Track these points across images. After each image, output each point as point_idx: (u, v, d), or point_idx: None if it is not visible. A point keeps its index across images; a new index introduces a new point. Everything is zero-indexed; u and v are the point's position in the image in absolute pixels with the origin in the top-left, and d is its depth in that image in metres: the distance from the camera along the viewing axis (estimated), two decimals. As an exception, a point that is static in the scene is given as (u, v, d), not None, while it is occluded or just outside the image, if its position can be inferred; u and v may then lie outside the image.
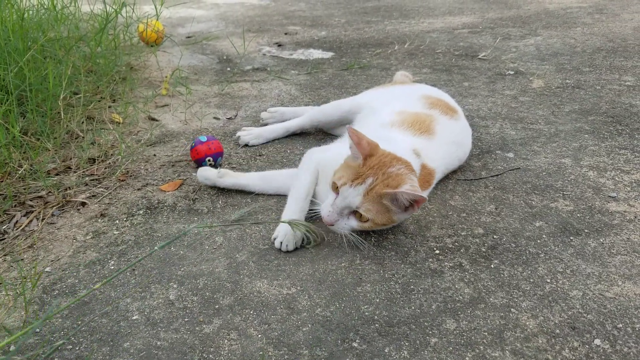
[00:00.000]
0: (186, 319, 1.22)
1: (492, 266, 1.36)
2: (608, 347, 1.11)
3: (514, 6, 4.46)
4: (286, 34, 3.79)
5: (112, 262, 1.41)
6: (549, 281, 1.30)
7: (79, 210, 1.65)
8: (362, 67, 2.96)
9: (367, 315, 1.21)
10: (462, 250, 1.42)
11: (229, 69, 3.01)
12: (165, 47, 3.29)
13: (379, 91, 2.05)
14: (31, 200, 1.67)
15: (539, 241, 1.45)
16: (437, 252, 1.42)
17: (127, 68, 2.77)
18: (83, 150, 1.93)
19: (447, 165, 1.73)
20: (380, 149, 1.42)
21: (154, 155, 1.98)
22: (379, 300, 1.26)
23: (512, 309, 1.22)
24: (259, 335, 1.16)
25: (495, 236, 1.48)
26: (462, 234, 1.49)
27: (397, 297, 1.26)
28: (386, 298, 1.26)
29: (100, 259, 1.42)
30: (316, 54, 3.30)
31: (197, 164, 1.86)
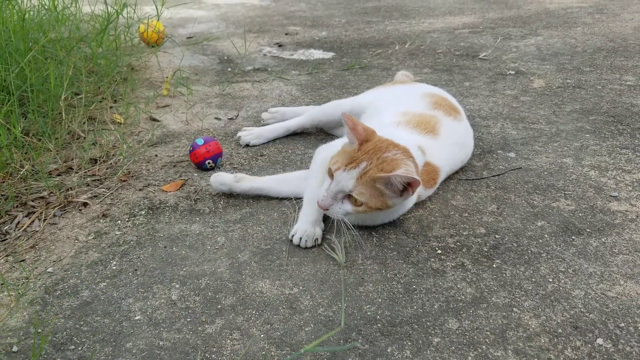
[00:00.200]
0: (188, 319, 1.22)
1: (494, 266, 1.36)
2: (610, 346, 1.11)
3: (514, 6, 4.46)
4: (287, 34, 3.79)
5: (114, 263, 1.41)
6: (551, 281, 1.30)
7: (80, 210, 1.65)
8: (362, 67, 2.96)
9: (369, 315, 1.21)
10: (464, 250, 1.42)
11: (229, 69, 3.01)
12: (166, 47, 3.29)
13: (381, 91, 2.04)
14: (33, 201, 1.67)
15: (540, 241, 1.45)
16: (439, 252, 1.42)
17: (128, 69, 2.78)
18: (84, 150, 1.93)
19: (451, 166, 1.73)
20: (377, 135, 1.43)
21: (156, 155, 1.98)
22: (381, 300, 1.26)
23: (514, 308, 1.22)
24: (262, 335, 1.16)
25: (497, 236, 1.48)
26: (464, 233, 1.49)
27: (399, 297, 1.26)
28: (388, 298, 1.26)
29: (102, 260, 1.43)
30: (317, 54, 3.30)
31: (198, 167, 1.86)
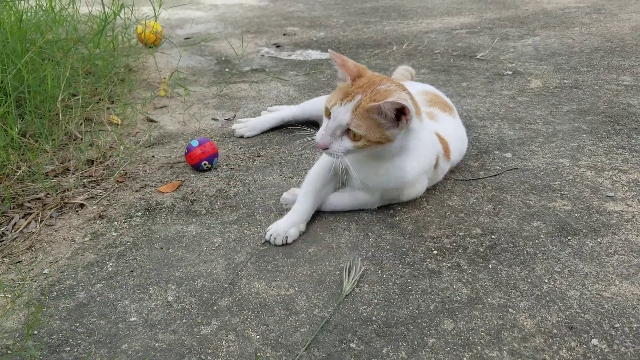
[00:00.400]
0: (184, 320, 1.22)
1: (490, 266, 1.36)
2: (605, 347, 1.11)
3: (512, 6, 4.47)
4: (285, 34, 3.79)
5: (110, 264, 1.41)
6: (546, 281, 1.30)
7: (77, 211, 1.65)
8: (360, 67, 2.96)
9: (365, 316, 1.22)
10: (460, 251, 1.42)
11: (227, 70, 3.01)
12: (164, 48, 3.29)
13: None
14: (29, 202, 1.67)
15: (536, 241, 1.45)
16: (435, 253, 1.42)
17: (126, 69, 2.78)
18: (81, 151, 1.93)
19: (454, 154, 1.74)
20: (369, 71, 1.45)
21: (153, 156, 1.98)
22: (377, 301, 1.26)
23: (509, 309, 1.22)
24: (257, 337, 1.17)
25: (493, 236, 1.48)
26: (460, 234, 1.49)
27: (395, 298, 1.26)
28: (384, 299, 1.26)
29: (98, 261, 1.43)
30: (314, 54, 3.30)
31: (194, 169, 1.86)
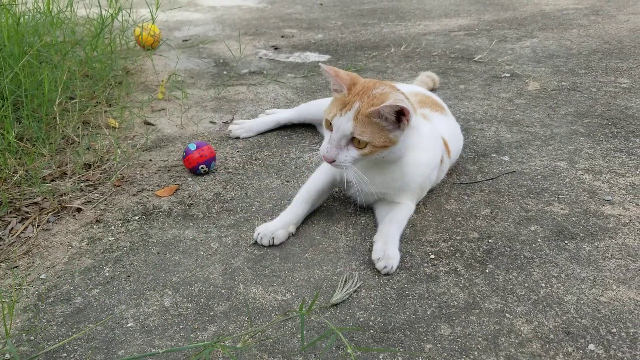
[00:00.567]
0: (181, 326, 1.21)
1: (487, 271, 1.36)
2: (602, 352, 1.11)
3: (510, 8, 4.47)
4: (283, 37, 3.79)
5: (107, 269, 1.41)
6: (543, 286, 1.30)
7: (74, 216, 1.65)
8: (358, 70, 2.96)
9: (362, 321, 1.21)
10: (457, 255, 1.42)
11: (225, 72, 3.01)
12: (162, 50, 3.28)
13: None
14: (27, 207, 1.67)
15: (533, 245, 1.45)
16: (432, 257, 1.42)
17: (123, 72, 2.77)
18: (79, 155, 1.93)
19: (453, 151, 1.74)
20: (361, 78, 1.47)
21: (150, 160, 1.98)
22: (374, 306, 1.26)
23: (506, 314, 1.22)
24: (254, 342, 1.16)
25: (490, 240, 1.48)
26: (457, 238, 1.49)
27: (392, 303, 1.26)
28: (381, 304, 1.26)
29: (95, 266, 1.42)
30: (312, 57, 3.30)
31: (192, 172, 1.86)
